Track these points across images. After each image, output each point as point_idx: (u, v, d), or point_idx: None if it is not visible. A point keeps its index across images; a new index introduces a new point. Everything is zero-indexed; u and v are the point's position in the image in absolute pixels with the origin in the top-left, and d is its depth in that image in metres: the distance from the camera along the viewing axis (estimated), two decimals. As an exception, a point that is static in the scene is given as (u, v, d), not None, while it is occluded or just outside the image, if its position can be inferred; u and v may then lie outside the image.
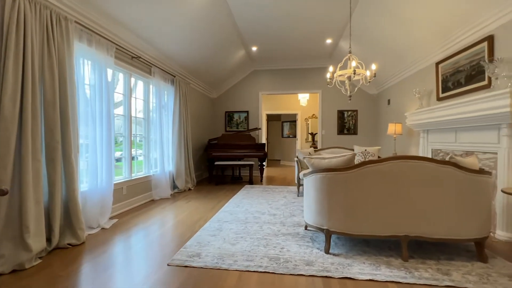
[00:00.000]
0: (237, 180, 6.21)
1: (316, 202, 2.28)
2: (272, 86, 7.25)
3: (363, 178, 2.12)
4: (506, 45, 2.74)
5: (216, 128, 7.51)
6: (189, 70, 5.58)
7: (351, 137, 6.99)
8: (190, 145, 5.45)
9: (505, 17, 2.71)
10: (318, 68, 7.08)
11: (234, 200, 4.22)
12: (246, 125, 7.35)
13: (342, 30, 5.16)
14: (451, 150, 3.55)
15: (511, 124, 2.56)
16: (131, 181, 3.77)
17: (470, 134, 3.15)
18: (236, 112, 7.39)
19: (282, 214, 3.44)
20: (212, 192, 4.94)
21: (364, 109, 6.95)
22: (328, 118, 7.08)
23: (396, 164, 2.08)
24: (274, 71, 7.25)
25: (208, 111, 7.18)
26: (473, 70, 3.18)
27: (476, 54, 3.13)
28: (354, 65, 3.30)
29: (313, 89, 7.11)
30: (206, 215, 3.39)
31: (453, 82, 3.57)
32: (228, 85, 7.40)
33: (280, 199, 4.31)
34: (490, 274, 1.90)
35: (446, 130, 3.61)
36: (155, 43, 4.10)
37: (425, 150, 4.19)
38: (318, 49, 6.19)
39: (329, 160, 2.28)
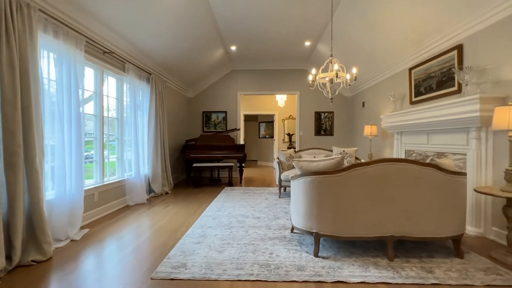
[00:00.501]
0: (216, 182, 6.06)
1: (305, 206, 2.27)
2: (251, 87, 7.20)
3: (351, 180, 2.15)
4: (473, 54, 2.95)
5: (193, 128, 7.27)
6: (165, 68, 5.33)
7: (327, 138, 7.17)
8: (167, 146, 5.21)
9: (472, 28, 2.92)
10: (296, 70, 7.17)
11: (215, 203, 4.09)
12: (224, 125, 7.21)
13: (321, 33, 5.25)
14: (423, 151, 3.77)
15: (479, 128, 2.77)
16: (103, 186, 3.48)
17: (442, 136, 3.36)
18: (214, 112, 7.22)
19: (266, 217, 3.39)
20: (191, 195, 4.76)
21: (340, 111, 7.17)
22: (306, 119, 7.20)
23: (383, 167, 2.13)
24: (252, 71, 7.20)
25: (184, 111, 6.93)
26: (444, 76, 3.39)
27: (446, 61, 3.34)
28: (337, 68, 3.35)
29: (291, 91, 7.18)
30: (187, 221, 3.23)
31: (425, 87, 3.79)
32: (205, 84, 7.20)
33: (262, 201, 4.27)
34: (468, 269, 2.01)
35: (419, 132, 3.82)
36: (129, 38, 3.83)
37: (399, 151, 4.41)
38: (297, 51, 6.26)
39: (318, 163, 2.27)
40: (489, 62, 2.73)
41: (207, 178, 6.83)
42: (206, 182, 6.26)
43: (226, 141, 6.04)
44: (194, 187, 5.50)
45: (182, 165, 6.68)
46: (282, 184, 4.51)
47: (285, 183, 4.50)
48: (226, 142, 6.02)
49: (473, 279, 1.87)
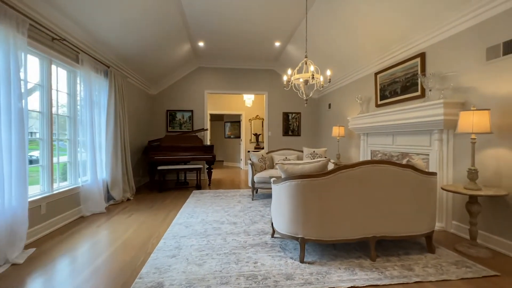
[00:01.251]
0: (183, 185, 5.71)
1: (290, 210, 2.18)
2: (218, 85, 6.96)
3: (337, 183, 2.12)
4: (435, 62, 3.19)
5: (156, 128, 6.77)
6: (126, 61, 4.83)
7: (295, 139, 7.29)
8: (128, 148, 4.72)
9: (435, 38, 3.16)
10: (265, 70, 7.14)
11: (185, 209, 3.81)
12: (190, 125, 6.85)
13: (291, 34, 5.28)
14: (388, 152, 4.00)
15: (441, 130, 3.00)
16: (52, 196, 2.98)
17: (406, 137, 3.59)
18: (179, 111, 6.81)
19: (243, 221, 3.25)
20: (157, 201, 4.37)
21: (306, 112, 7.33)
22: (274, 120, 7.21)
23: (366, 169, 2.15)
24: (220, 69, 6.97)
25: (147, 109, 6.40)
26: (408, 81, 3.63)
27: (410, 68, 3.58)
28: (313, 69, 3.36)
29: (259, 91, 7.13)
30: (157, 231, 2.93)
31: (390, 91, 4.03)
32: (169, 81, 6.75)
33: (235, 204, 4.11)
34: (442, 264, 2.14)
35: (385, 133, 4.05)
36: (85, 24, 3.35)
37: (365, 152, 4.63)
38: (266, 51, 6.21)
39: (303, 166, 2.21)
40: (450, 70, 2.97)
41: (172, 181, 6.41)
42: (172, 185, 5.86)
43: (193, 141, 5.73)
44: (159, 192, 5.09)
45: (144, 168, 6.16)
46: (255, 186, 4.41)
47: (258, 185, 4.40)
48: (193, 143, 5.71)
49: (448, 273, 1.99)
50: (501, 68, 2.41)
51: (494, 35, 2.47)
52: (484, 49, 2.57)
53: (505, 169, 2.38)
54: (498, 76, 2.44)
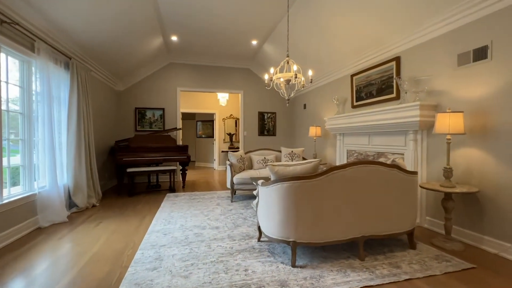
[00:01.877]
0: (155, 188, 5.35)
1: (281, 213, 2.11)
2: (192, 83, 6.67)
3: (328, 184, 2.10)
4: (409, 65, 3.36)
5: (123, 127, 6.26)
6: (91, 53, 4.36)
7: (270, 138, 7.28)
8: (93, 148, 4.28)
9: (410, 43, 3.32)
10: (241, 69, 7.01)
11: (161, 214, 3.55)
12: (162, 124, 6.47)
13: (269, 33, 5.23)
14: (364, 151, 4.14)
15: (416, 131, 3.16)
16: (1, 206, 2.54)
17: (382, 138, 3.74)
18: (149, 109, 6.39)
19: (225, 225, 3.11)
20: (128, 206, 4.02)
21: (281, 111, 7.36)
22: (250, 120, 7.12)
23: (357, 169, 2.15)
24: (194, 66, 6.69)
25: (113, 106, 5.89)
26: (383, 84, 3.78)
27: (385, 71, 3.73)
28: (296, 69, 3.32)
29: (234, 89, 6.98)
30: (132, 241, 2.66)
31: (366, 93, 4.17)
32: (138, 76, 6.30)
33: (214, 207, 3.93)
34: (424, 259, 2.22)
35: (361, 134, 4.18)
36: (43, 8, 2.93)
37: (341, 151, 4.75)
38: (243, 49, 6.09)
39: (294, 168, 2.14)
40: (423, 74, 3.14)
41: (143, 184, 5.99)
42: (142, 189, 5.47)
43: (166, 141, 5.40)
44: (129, 196, 4.70)
45: (110, 171, 5.66)
46: (235, 187, 4.27)
47: (237, 186, 4.27)
48: (166, 143, 5.39)
49: (432, 268, 2.07)
50: (471, 73, 2.60)
51: (465, 42, 2.64)
52: (455, 55, 2.74)
53: (474, 167, 2.56)
54: (468, 81, 2.62)
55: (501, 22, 2.34)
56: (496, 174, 2.38)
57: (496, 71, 2.39)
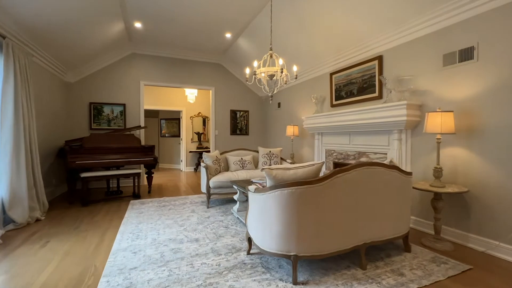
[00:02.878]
0: (116, 195, 4.68)
1: (281, 224, 1.84)
2: (157, 76, 6.05)
3: (332, 189, 1.89)
4: (392, 64, 3.35)
5: (76, 125, 5.41)
6: (33, 34, 3.59)
7: (243, 138, 6.98)
8: (37, 150, 3.53)
9: (392, 42, 3.31)
10: (212, 64, 6.58)
11: (126, 227, 3.03)
12: (122, 122, 5.74)
13: (245, 26, 4.93)
14: (345, 151, 4.09)
15: (401, 130, 3.15)
16: None
17: (363, 137, 3.70)
18: (107, 104, 5.62)
19: (206, 237, 2.74)
20: (82, 218, 3.38)
21: (254, 110, 7.11)
22: (221, 118, 6.74)
23: (360, 172, 1.98)
24: (159, 58, 6.07)
25: (62, 100, 5.02)
26: (365, 83, 3.74)
27: (367, 70, 3.69)
28: (282, 63, 3.09)
29: (204, 85, 6.53)
30: (92, 264, 2.15)
31: (346, 92, 4.12)
32: (94, 66, 5.49)
33: (189, 215, 3.51)
34: (423, 263, 2.15)
35: (341, 133, 4.12)
36: (-39, -34, 2.23)
37: (319, 151, 4.66)
38: (215, 42, 5.69)
39: (295, 171, 1.89)
40: (406, 73, 3.15)
41: (100, 190, 5.23)
42: (100, 196, 4.75)
43: (129, 141, 4.77)
44: (83, 205, 4.01)
45: (59, 175, 4.82)
46: (211, 191, 3.89)
47: (214, 190, 3.90)
48: (129, 143, 4.76)
49: (434, 273, 1.99)
50: (457, 74, 2.62)
51: (451, 43, 2.67)
52: (441, 55, 2.76)
53: (461, 167, 2.59)
54: (454, 81, 2.65)
55: (487, 24, 2.37)
56: (482, 173, 2.42)
57: (482, 72, 2.43)
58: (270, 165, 4.65)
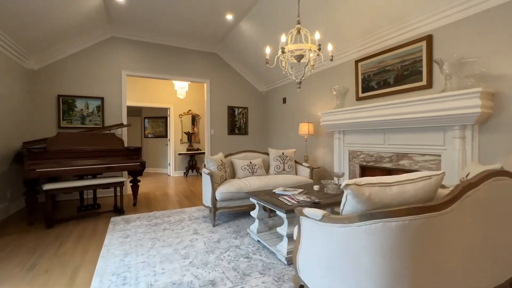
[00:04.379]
0: (92, 210, 3.72)
1: (382, 277, 1.09)
2: (142, 66, 5.12)
3: (459, 215, 1.16)
4: (444, 45, 2.72)
5: (40, 123, 4.36)
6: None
7: (242, 138, 6.18)
8: (-24, 155, 2.54)
9: (446, 19, 2.67)
10: (206, 53, 5.73)
11: (107, 261, 2.15)
12: (100, 119, 4.76)
13: (251, 6, 4.15)
14: (377, 152, 3.42)
15: (465, 126, 2.52)
16: None
17: (404, 135, 3.05)
18: (80, 97, 4.61)
19: (225, 275, 1.93)
20: (44, 248, 2.45)
21: (254, 107, 6.34)
22: (217, 116, 5.90)
23: (489, 186, 1.27)
24: (145, 44, 5.14)
25: (21, 92, 3.98)
26: (406, 70, 3.10)
27: (409, 53, 3.05)
28: (319, 38, 2.35)
29: (198, 78, 5.66)
30: None
31: (377, 82, 3.46)
32: (63, 51, 4.48)
33: (192, 238, 2.68)
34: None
35: (371, 131, 3.46)
36: None
37: (341, 152, 3.98)
38: (211, 27, 4.87)
39: (401, 189, 1.14)
40: (465, 55, 2.52)
41: (71, 204, 4.22)
42: (71, 212, 3.77)
43: (109, 143, 3.83)
44: (48, 227, 3.05)
45: (15, 186, 3.78)
46: (218, 205, 3.08)
47: (222, 203, 3.09)
48: (109, 145, 3.82)
49: None
50: (554, 51, 2.01)
51: (545, 11, 2.06)
52: (527, 28, 2.15)
53: None
54: (550, 60, 2.04)
55: None
56: None
57: None
58: (284, 169, 3.90)
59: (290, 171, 3.92)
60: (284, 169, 3.90)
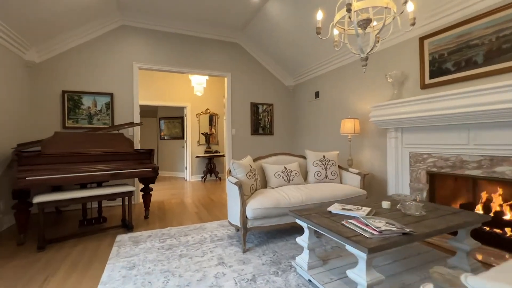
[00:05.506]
0: (96, 224, 3.12)
1: None
2: (155, 57, 4.53)
3: None
4: None
5: (41, 122, 3.86)
6: None
7: (267, 139, 5.46)
8: None
9: None
10: (227, 43, 5.08)
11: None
12: (109, 118, 4.20)
13: (282, -22, 3.44)
14: (457, 155, 2.58)
15: None
16: None
17: (502, 132, 2.21)
18: (87, 93, 4.08)
19: None
20: (26, 280, 1.83)
21: (280, 103, 5.61)
22: (239, 114, 5.22)
23: None
24: (158, 33, 4.56)
25: (21, 88, 3.47)
26: (507, 42, 2.26)
27: (509, 19, 2.21)
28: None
29: (218, 71, 5.01)
30: None
31: (455, 62, 2.63)
32: (69, 42, 3.96)
33: (217, 273, 1.98)
34: None
35: (446, 127, 2.63)
36: None
37: (398, 155, 3.16)
38: (233, 11, 4.20)
39: None
40: None
41: (72, 215, 3.66)
42: (71, 227, 3.20)
43: (116, 144, 3.24)
44: (39, 249, 2.46)
45: (8, 197, 3.27)
46: (249, 224, 2.36)
47: (253, 222, 2.37)
48: (116, 147, 3.22)
49: None
50: None
51: None
52: None
53: None
54: None
55: None
56: None
57: None
58: (327, 176, 3.14)
59: (334, 178, 3.15)
60: (326, 176, 3.14)
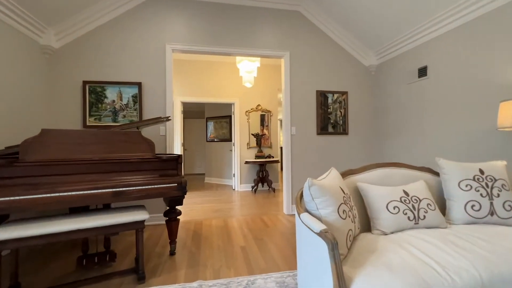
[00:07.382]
0: (101, 264, 2.14)
1: None
2: (192, 36, 3.51)
3: None
4: None
5: (58, 120, 3.15)
6: None
7: (340, 140, 3.98)
8: None
9: None
10: (284, 12, 3.81)
11: None
12: (136, 113, 3.33)
13: None
14: None
15: None
16: None
17: None
18: (112, 84, 3.26)
19: None
20: None
21: (357, 90, 4.07)
22: (300, 106, 3.87)
23: None
24: (196, 4, 3.54)
25: (36, 77, 2.80)
26: None
27: None
28: None
29: (272, 50, 3.76)
30: None
31: None
32: (91, 21, 3.21)
33: None
34: None
35: None
36: None
37: None
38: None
39: None
40: None
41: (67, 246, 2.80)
42: (65, 267, 2.29)
43: (128, 147, 2.22)
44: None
45: None
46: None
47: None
48: (128, 150, 2.20)
49: None
50: None
51: None
52: None
53: None
54: None
55: None
56: None
57: None
58: (493, 211, 1.56)
59: (511, 216, 1.55)
60: (493, 212, 1.56)
